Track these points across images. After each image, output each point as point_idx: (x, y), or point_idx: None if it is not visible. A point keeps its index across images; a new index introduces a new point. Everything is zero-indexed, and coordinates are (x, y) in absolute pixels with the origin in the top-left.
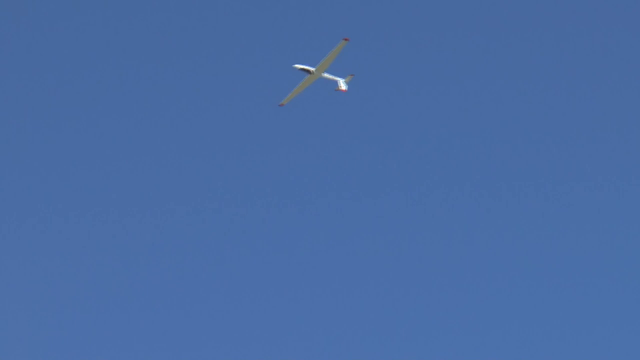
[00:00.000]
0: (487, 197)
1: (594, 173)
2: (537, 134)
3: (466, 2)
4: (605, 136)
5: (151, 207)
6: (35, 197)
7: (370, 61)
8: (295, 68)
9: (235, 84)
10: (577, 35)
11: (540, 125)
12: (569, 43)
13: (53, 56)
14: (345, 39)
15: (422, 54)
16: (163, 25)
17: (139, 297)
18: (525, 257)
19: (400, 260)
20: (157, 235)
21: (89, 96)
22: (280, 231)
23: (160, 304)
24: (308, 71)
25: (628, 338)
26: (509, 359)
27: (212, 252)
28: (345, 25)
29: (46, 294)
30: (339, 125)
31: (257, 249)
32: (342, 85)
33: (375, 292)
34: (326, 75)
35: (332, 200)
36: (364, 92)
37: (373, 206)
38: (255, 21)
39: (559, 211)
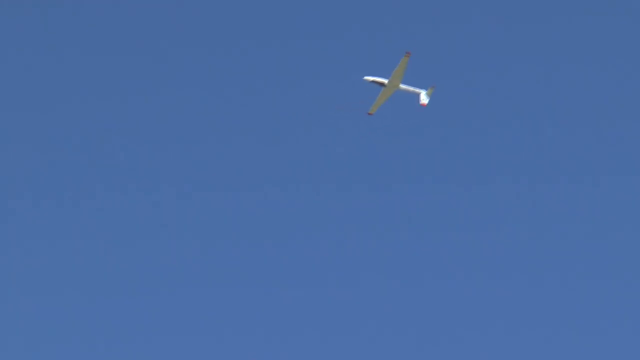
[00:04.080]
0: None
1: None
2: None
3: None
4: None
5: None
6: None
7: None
8: (366, 80)
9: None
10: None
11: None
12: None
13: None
14: (407, 54)
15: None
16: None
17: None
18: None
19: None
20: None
21: None
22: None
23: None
24: (381, 84)
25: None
26: None
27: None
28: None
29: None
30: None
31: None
32: (424, 98)
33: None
34: (404, 87)
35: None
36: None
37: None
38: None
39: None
